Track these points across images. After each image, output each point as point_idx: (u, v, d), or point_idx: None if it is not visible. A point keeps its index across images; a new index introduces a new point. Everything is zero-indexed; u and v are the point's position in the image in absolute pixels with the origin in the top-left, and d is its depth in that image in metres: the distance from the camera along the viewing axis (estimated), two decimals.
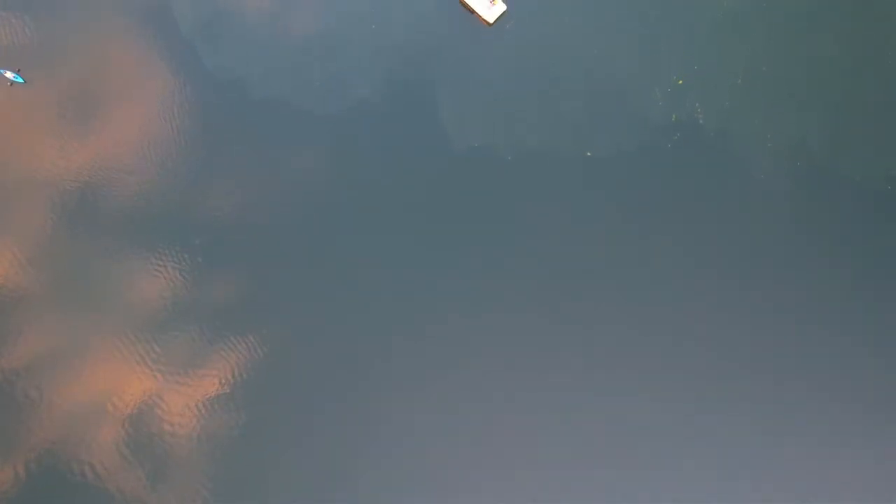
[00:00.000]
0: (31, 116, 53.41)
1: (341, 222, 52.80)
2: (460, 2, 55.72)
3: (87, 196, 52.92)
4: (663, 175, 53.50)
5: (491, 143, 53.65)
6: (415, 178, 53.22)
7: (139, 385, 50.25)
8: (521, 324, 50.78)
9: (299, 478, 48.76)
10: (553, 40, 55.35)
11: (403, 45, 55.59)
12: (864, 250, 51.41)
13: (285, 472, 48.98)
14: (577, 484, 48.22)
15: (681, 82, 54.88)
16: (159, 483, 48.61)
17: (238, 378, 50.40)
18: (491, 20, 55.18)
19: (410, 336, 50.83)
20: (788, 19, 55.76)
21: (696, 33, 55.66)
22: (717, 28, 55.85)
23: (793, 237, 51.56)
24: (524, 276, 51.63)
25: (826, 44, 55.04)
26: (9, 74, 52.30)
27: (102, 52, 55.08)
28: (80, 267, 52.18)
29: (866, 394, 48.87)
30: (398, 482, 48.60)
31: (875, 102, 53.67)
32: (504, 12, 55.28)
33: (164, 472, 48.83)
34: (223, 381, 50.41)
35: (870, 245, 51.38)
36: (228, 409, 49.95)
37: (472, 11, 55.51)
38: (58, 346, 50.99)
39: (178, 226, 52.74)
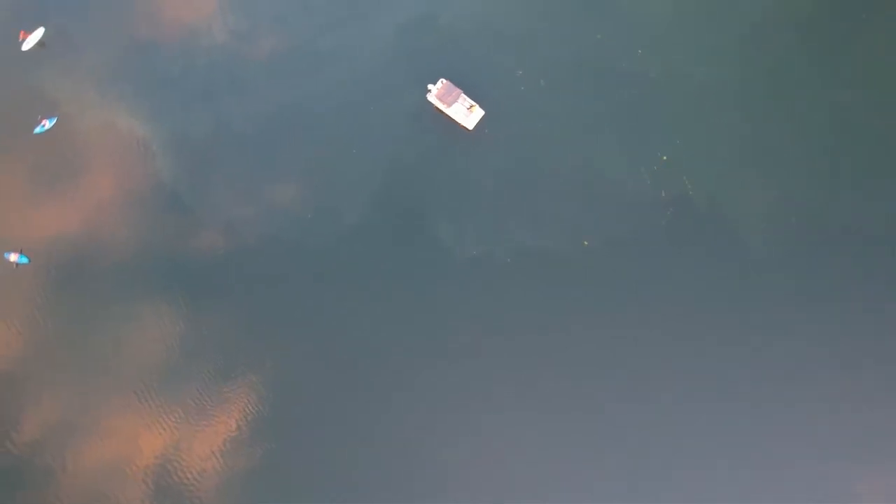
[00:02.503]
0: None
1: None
2: (439, 111, 56.88)
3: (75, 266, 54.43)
4: (661, 253, 53.69)
5: (489, 248, 54.10)
6: (420, 297, 53.63)
7: (157, 439, 51.07)
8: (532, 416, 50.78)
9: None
10: (533, 138, 56.26)
11: (388, 164, 56.63)
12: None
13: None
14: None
15: (665, 158, 55.45)
16: None
17: (250, 413, 51.15)
18: (471, 126, 56.28)
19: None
20: (762, 83, 56.61)
21: (672, 109, 56.45)
22: (693, 101, 56.65)
23: (791, 303, 51.54)
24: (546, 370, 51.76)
25: (801, 103, 55.80)
26: (13, 258, 53.71)
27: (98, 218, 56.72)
28: (79, 333, 53.40)
29: None
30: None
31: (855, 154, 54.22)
32: (483, 116, 56.38)
33: None
34: (237, 419, 51.13)
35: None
36: (247, 445, 50.52)
37: (452, 120, 56.64)
38: (70, 413, 51.91)
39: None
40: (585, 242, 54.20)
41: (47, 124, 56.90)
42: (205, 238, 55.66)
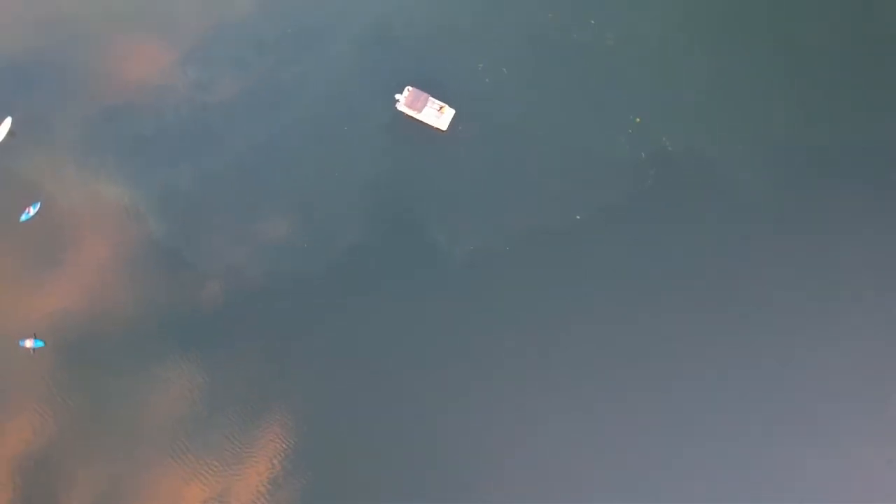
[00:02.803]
0: None
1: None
2: (411, 119, 57.67)
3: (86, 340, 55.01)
4: (653, 211, 54.63)
5: (486, 241, 54.81)
6: (429, 302, 54.23)
7: (200, 493, 51.23)
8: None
9: None
10: (507, 126, 57.16)
11: (372, 179, 57.25)
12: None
13: None
14: None
15: (638, 120, 56.43)
16: None
17: (285, 448, 51.64)
18: (444, 127, 57.10)
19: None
20: (715, 29, 57.76)
21: (635, 71, 57.55)
22: (653, 59, 57.81)
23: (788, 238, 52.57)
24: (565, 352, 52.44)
25: (756, 38, 57.01)
26: (28, 344, 54.19)
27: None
28: (104, 405, 53.63)
29: None
30: None
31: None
32: (454, 115, 57.20)
33: None
34: (273, 456, 51.51)
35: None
36: (288, 480, 50.97)
37: (425, 124, 57.44)
38: (110, 485, 52.00)
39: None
40: (578, 216, 55.01)
41: (32, 211, 57.40)
42: (207, 287, 56.08)
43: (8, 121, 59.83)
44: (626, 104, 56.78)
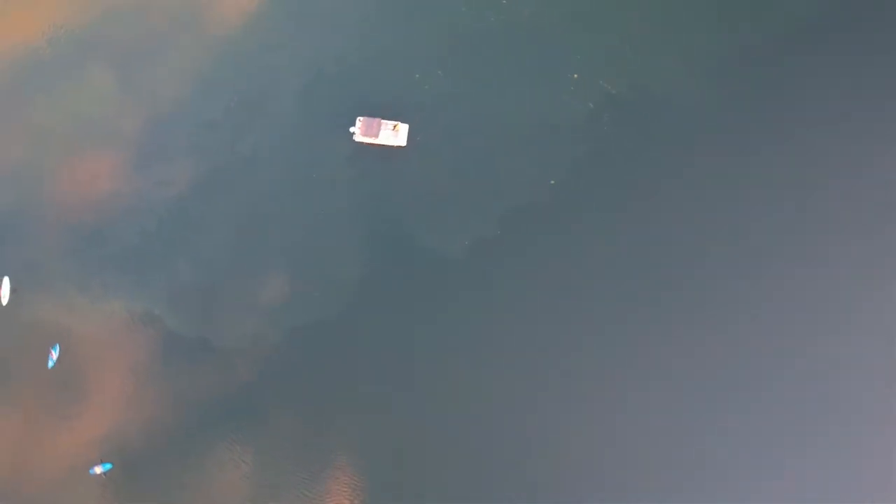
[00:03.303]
0: None
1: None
2: (371, 145, 60.26)
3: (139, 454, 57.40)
4: (618, 152, 57.99)
5: (476, 232, 57.85)
6: (449, 310, 57.40)
7: None
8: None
9: None
10: (460, 122, 60.10)
11: (354, 212, 59.90)
12: None
13: None
14: None
15: (576, 76, 59.58)
16: None
17: (355, 489, 54.45)
18: (403, 143, 59.81)
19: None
20: None
21: (556, 33, 60.74)
22: (568, 18, 61.00)
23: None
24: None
25: None
26: (98, 470, 56.35)
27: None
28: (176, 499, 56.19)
29: None
30: None
31: None
32: (409, 129, 59.89)
33: None
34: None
35: None
36: None
37: (385, 146, 60.10)
38: None
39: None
40: (552, 181, 58.10)
41: (55, 354, 59.35)
42: (236, 365, 58.31)
43: (6, 280, 61.67)
44: (558, 65, 59.95)
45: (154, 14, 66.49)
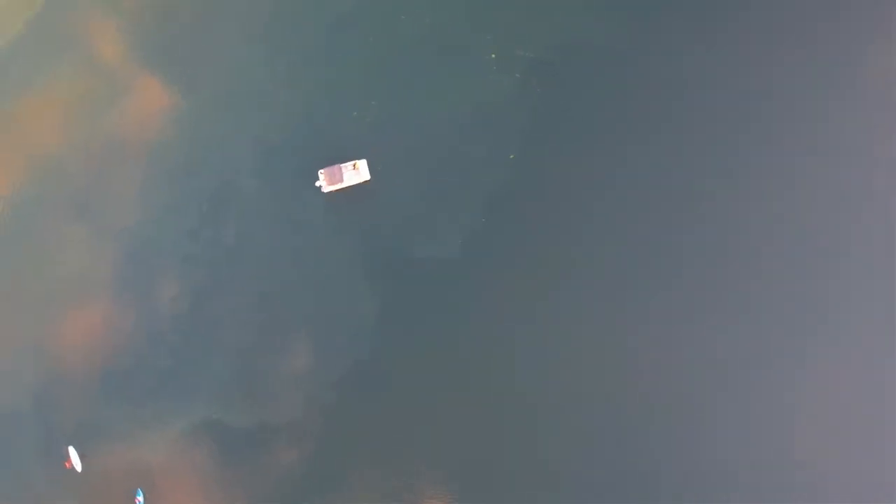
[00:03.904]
0: None
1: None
2: (340, 190, 63.28)
3: None
4: (560, 109, 61.73)
5: (465, 229, 61.49)
6: (470, 320, 61.21)
7: None
8: None
9: None
10: (411, 138, 63.10)
11: (346, 259, 62.95)
12: None
13: None
14: None
15: (493, 56, 63.13)
16: None
17: None
18: (368, 176, 62.90)
19: None
20: None
21: (459, 22, 64.02)
22: (461, 8, 64.58)
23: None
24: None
25: None
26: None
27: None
28: None
29: None
30: None
31: None
32: (367, 163, 63.03)
33: None
34: None
35: None
36: None
37: (353, 186, 63.18)
38: None
39: None
40: (511, 156, 61.75)
41: (140, 499, 62.15)
42: (279, 448, 62.12)
43: (72, 450, 64.20)
44: (474, 52, 63.14)
45: (92, 153, 68.49)
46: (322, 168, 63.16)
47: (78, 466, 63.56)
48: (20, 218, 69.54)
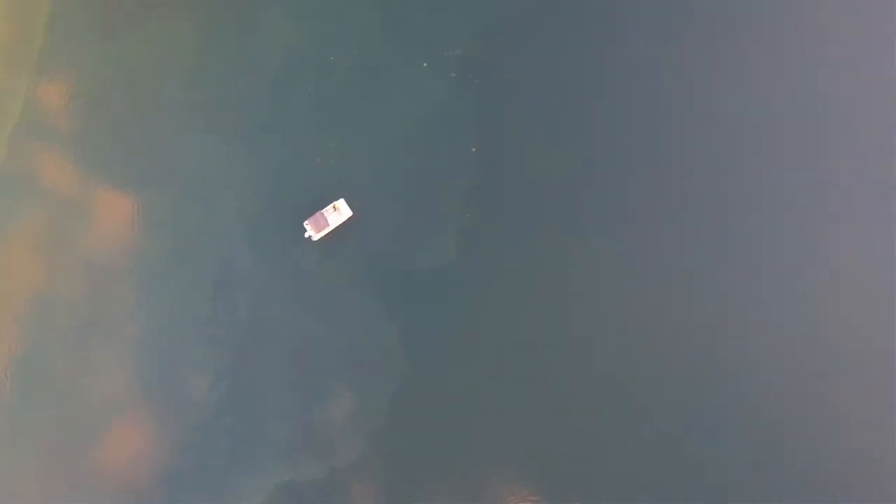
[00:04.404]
0: None
1: None
2: (329, 234, 66.12)
3: None
4: (497, 91, 65.78)
5: (454, 226, 65.47)
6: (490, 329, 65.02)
7: None
8: None
9: None
10: (378, 168, 66.86)
11: (364, 295, 65.96)
12: None
13: None
14: None
15: (425, 65, 66.72)
16: None
17: None
18: (349, 213, 65.84)
19: None
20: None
21: (388, 45, 67.44)
22: (391, 27, 68.04)
23: None
24: None
25: None
26: None
27: None
28: None
29: None
30: None
31: None
32: (344, 201, 65.98)
33: None
34: None
35: None
36: None
37: (339, 227, 66.09)
38: None
39: None
40: (473, 149, 65.41)
41: None
42: (356, 486, 64.54)
43: None
44: (407, 66, 67.26)
45: (81, 277, 68.74)
46: (306, 220, 65.98)
47: None
48: (33, 358, 69.82)
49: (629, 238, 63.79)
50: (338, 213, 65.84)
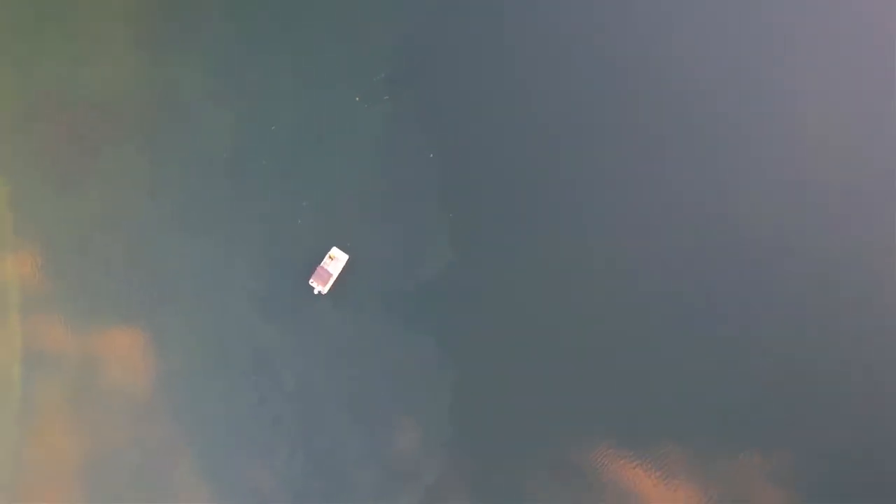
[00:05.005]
0: None
1: None
2: (337, 281, 68.83)
3: None
4: (432, 99, 69.39)
5: (445, 227, 68.74)
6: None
7: None
8: None
9: None
10: (352, 208, 70.45)
11: (387, 328, 68.53)
12: None
13: None
14: None
15: (358, 98, 70.47)
16: None
17: None
18: (346, 256, 68.61)
19: None
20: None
21: (319, 87, 71.00)
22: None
23: None
24: None
25: None
26: None
27: None
28: None
29: None
30: None
31: None
32: (335, 248, 68.95)
33: None
34: None
35: None
36: None
37: (342, 271, 68.91)
38: None
39: None
40: (431, 154, 69.20)
41: None
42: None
43: None
44: (341, 104, 71.54)
45: (117, 424, 68.64)
46: (310, 278, 68.72)
47: None
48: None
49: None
50: (335, 260, 68.67)
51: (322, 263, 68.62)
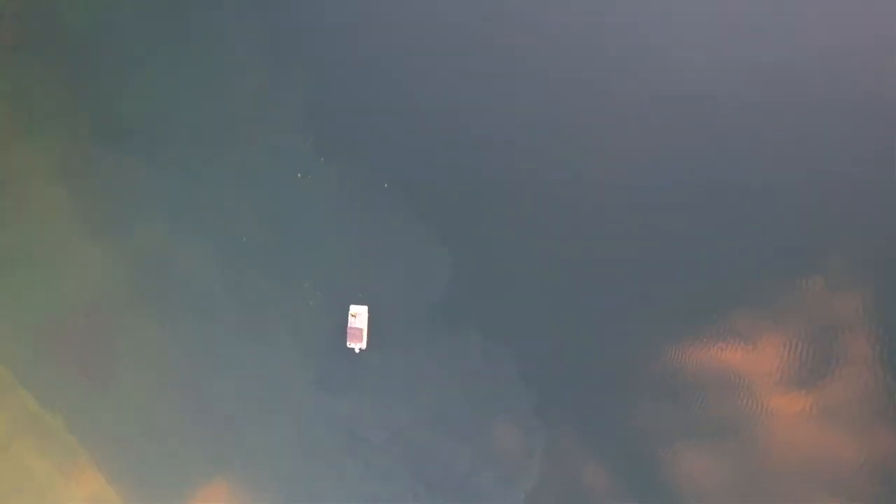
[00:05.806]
0: None
1: None
2: (368, 334, 72.96)
3: None
4: (375, 154, 74.90)
5: (446, 241, 73.73)
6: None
7: None
8: None
9: None
10: (342, 264, 74.22)
11: (430, 372, 72.62)
12: None
13: None
14: None
15: (300, 175, 74.54)
16: None
17: None
18: (366, 306, 72.54)
19: None
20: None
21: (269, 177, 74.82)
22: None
23: None
24: None
25: None
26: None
27: None
28: None
29: None
30: None
31: None
32: (351, 306, 73.07)
33: None
34: None
35: None
36: None
37: (368, 323, 73.15)
38: None
39: None
40: (385, 185, 74.05)
41: None
42: None
43: None
44: (290, 182, 74.73)
45: None
46: (347, 342, 72.44)
47: None
48: None
49: None
50: (359, 316, 72.56)
51: (348, 325, 72.55)
